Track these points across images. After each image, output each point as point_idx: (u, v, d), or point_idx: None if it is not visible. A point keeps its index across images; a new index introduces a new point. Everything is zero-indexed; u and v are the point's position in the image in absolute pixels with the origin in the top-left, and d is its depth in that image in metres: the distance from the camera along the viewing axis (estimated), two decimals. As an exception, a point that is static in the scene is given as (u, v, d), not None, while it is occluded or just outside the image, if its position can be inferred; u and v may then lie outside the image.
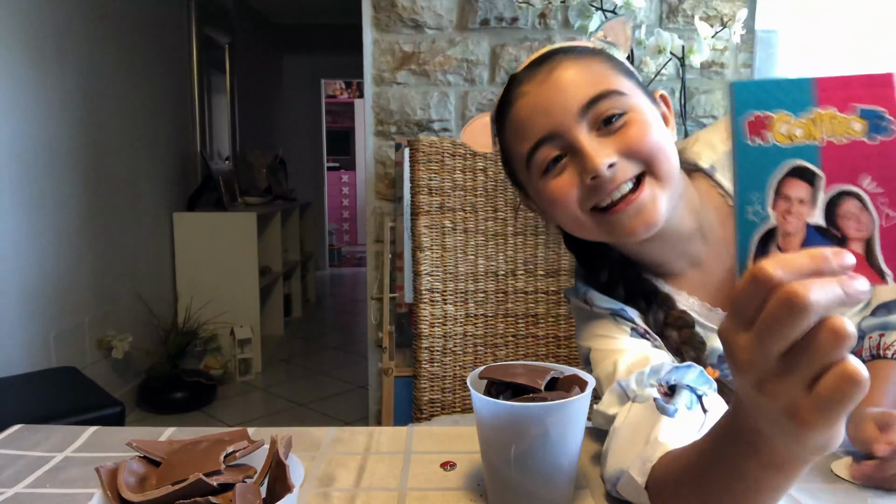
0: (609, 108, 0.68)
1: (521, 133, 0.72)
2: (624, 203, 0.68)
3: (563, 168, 0.70)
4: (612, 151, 0.67)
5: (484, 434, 0.61)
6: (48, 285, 2.45)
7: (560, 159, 0.70)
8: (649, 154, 0.68)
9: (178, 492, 0.45)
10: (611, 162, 0.67)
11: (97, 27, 2.77)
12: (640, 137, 0.68)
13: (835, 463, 0.71)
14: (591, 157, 0.67)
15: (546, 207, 0.74)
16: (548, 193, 0.71)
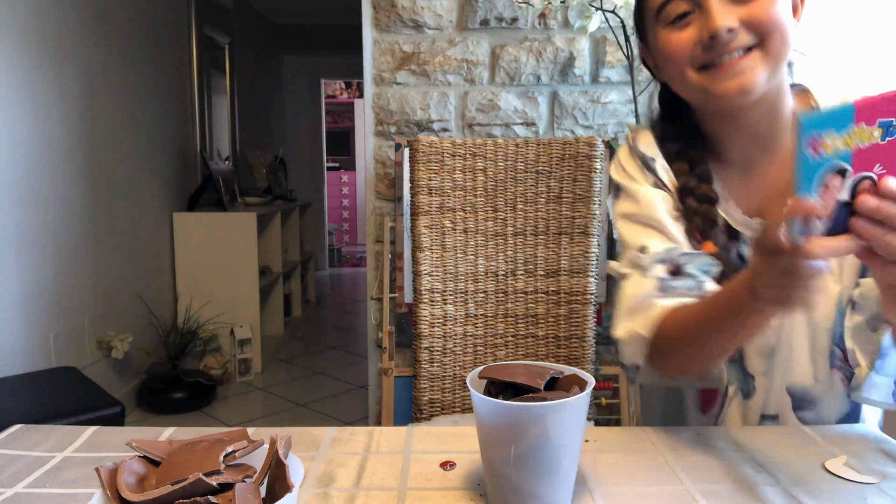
0: None
1: None
2: (729, 64, 0.73)
3: (689, 23, 0.75)
4: (736, 18, 0.72)
5: (484, 434, 0.61)
6: (48, 285, 2.45)
7: (687, 15, 0.75)
8: (767, 29, 0.72)
9: (178, 491, 0.45)
10: (731, 26, 0.72)
11: (97, 28, 2.78)
12: (765, 11, 0.72)
13: (829, 462, 0.71)
14: (714, 17, 0.72)
15: (661, 59, 0.80)
16: (667, 43, 0.77)
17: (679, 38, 0.76)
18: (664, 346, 0.78)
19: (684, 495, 0.64)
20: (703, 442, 0.77)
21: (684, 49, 0.75)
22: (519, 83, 2.12)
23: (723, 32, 0.72)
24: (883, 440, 0.78)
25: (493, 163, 1.33)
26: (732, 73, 0.73)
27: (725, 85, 0.74)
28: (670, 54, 0.77)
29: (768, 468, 0.70)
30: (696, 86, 0.76)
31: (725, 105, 0.77)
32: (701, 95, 0.77)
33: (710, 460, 0.72)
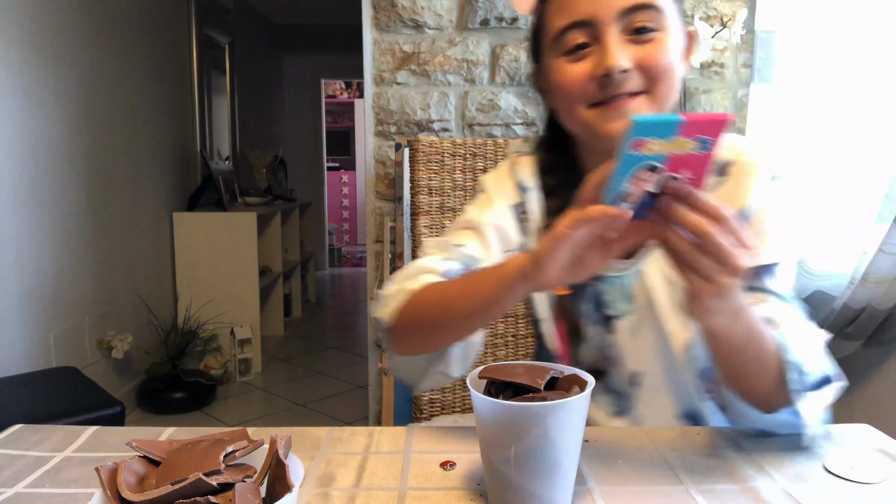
0: (646, 20, 0.74)
1: (563, 9, 0.76)
2: (617, 104, 0.74)
3: (585, 56, 0.76)
4: (631, 59, 0.73)
5: (484, 434, 0.61)
6: (48, 285, 2.45)
7: (585, 47, 0.75)
8: (658, 75, 0.74)
9: (178, 491, 0.45)
10: (626, 67, 0.73)
11: (97, 27, 2.78)
12: (658, 57, 0.74)
13: (830, 461, 0.71)
14: (611, 54, 0.73)
15: (552, 86, 0.80)
16: (561, 74, 0.77)
17: (573, 71, 0.76)
18: (416, 314, 0.78)
19: (684, 495, 0.64)
20: (703, 441, 0.77)
21: (577, 83, 0.75)
22: (519, 83, 2.12)
23: (616, 70, 0.72)
24: (883, 440, 0.78)
25: (493, 163, 1.33)
26: (620, 113, 0.74)
27: (611, 126, 0.74)
28: (563, 86, 0.77)
29: (768, 468, 0.70)
30: (583, 122, 0.77)
31: (608, 146, 0.75)
32: (586, 132, 0.78)
33: (710, 460, 0.72)
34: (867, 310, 1.63)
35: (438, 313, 0.75)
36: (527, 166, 0.90)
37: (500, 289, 0.68)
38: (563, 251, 0.60)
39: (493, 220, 0.86)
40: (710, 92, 2.04)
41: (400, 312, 0.79)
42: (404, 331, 0.80)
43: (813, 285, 1.81)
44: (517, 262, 0.66)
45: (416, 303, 0.78)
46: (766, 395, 0.69)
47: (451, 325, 0.75)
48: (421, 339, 0.79)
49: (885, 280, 1.58)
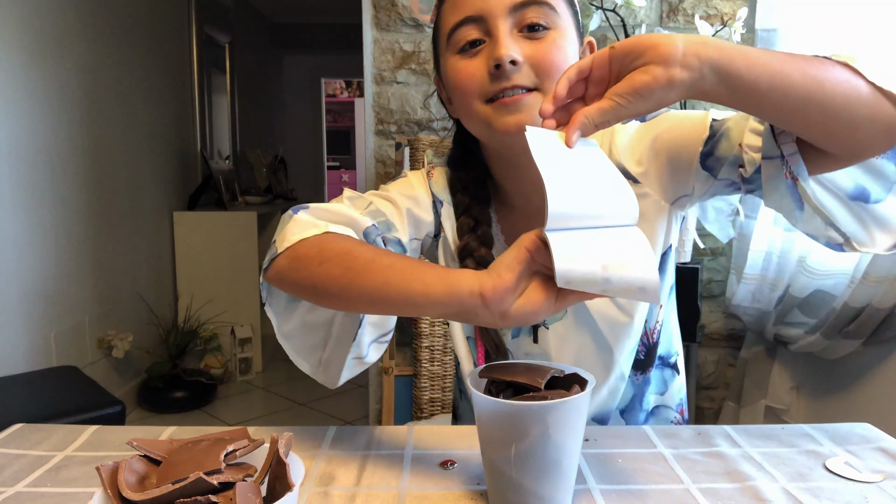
0: (538, 17, 0.74)
1: (456, 6, 0.77)
2: (512, 99, 0.73)
3: (478, 53, 0.76)
4: (521, 54, 0.73)
5: (484, 433, 0.61)
6: (48, 285, 2.45)
7: (478, 44, 0.75)
8: (549, 72, 0.73)
9: (179, 490, 0.45)
10: (516, 58, 0.72)
11: (97, 27, 2.77)
12: (549, 54, 0.74)
13: (830, 461, 0.71)
14: (501, 45, 0.72)
15: (450, 87, 0.80)
16: (456, 71, 0.77)
17: (468, 67, 0.76)
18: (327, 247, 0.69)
19: (684, 494, 0.64)
20: (704, 441, 0.77)
21: (472, 78, 0.75)
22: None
23: (507, 61, 0.72)
24: (883, 439, 0.78)
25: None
26: (514, 108, 0.73)
27: (506, 120, 0.73)
28: (458, 83, 0.77)
29: (768, 467, 0.70)
30: (481, 118, 0.76)
31: (507, 142, 0.76)
32: (485, 130, 0.77)
33: (710, 459, 0.72)
34: (867, 309, 1.63)
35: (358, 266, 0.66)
36: (441, 180, 0.89)
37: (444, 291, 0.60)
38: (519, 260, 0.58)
39: (411, 206, 0.85)
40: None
41: (305, 242, 0.70)
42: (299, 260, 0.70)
43: (813, 284, 1.81)
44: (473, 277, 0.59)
45: (334, 242, 0.70)
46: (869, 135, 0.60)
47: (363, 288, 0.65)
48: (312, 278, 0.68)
49: (886, 279, 1.58)
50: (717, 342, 2.19)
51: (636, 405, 0.88)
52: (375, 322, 0.74)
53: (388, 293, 0.63)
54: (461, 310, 0.59)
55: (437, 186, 0.88)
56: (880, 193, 0.65)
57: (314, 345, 0.76)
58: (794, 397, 1.97)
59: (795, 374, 1.96)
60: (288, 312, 0.76)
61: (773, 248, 1.84)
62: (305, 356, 0.77)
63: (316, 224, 0.73)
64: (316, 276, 0.68)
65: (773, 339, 1.92)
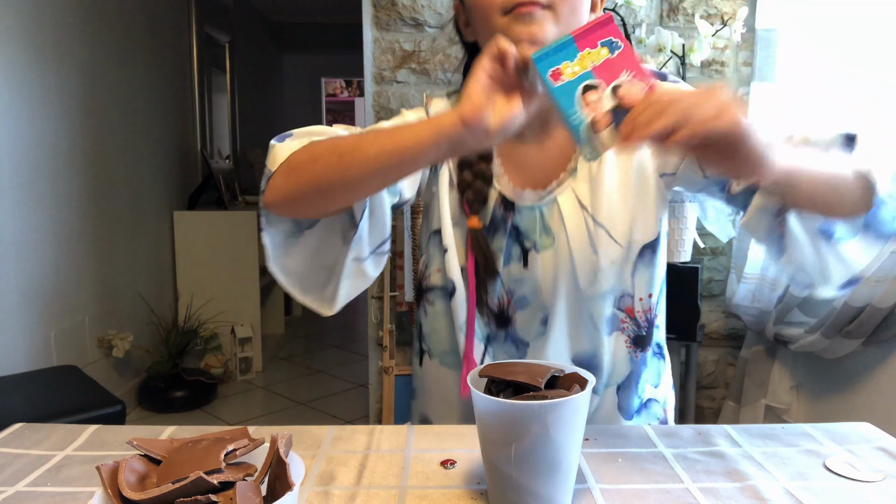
0: None
1: None
2: (527, 10, 0.76)
3: None
4: None
5: (484, 432, 0.61)
6: (49, 284, 2.45)
7: None
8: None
9: (179, 490, 0.45)
10: None
11: (97, 27, 2.77)
12: None
13: (830, 460, 0.71)
14: None
15: (471, 4, 0.82)
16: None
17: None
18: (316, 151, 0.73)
19: (684, 493, 0.64)
20: (704, 440, 0.77)
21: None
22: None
23: None
24: (883, 438, 0.78)
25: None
26: (529, 19, 0.76)
27: (520, 30, 0.76)
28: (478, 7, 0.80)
29: (768, 466, 0.70)
30: (498, 30, 0.78)
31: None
32: None
33: (710, 458, 0.72)
34: (867, 308, 1.63)
35: (350, 149, 0.70)
36: (439, 104, 0.92)
37: (430, 133, 0.65)
38: (482, 82, 0.63)
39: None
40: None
41: (294, 154, 0.74)
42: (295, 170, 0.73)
43: (813, 284, 1.81)
44: (450, 113, 0.65)
45: (321, 145, 0.73)
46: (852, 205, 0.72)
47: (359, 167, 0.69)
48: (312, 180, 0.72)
49: (886, 279, 1.58)
50: (717, 342, 2.19)
51: (632, 385, 0.89)
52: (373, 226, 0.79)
53: (385, 158, 0.68)
54: (450, 142, 0.65)
55: (436, 110, 0.91)
56: (845, 234, 0.75)
57: (316, 282, 0.81)
58: (794, 397, 1.97)
59: (795, 374, 1.96)
60: (288, 246, 0.79)
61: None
62: (306, 291, 0.82)
63: (302, 141, 0.76)
64: (314, 174, 0.72)
65: (773, 338, 1.92)
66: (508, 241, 0.86)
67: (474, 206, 0.85)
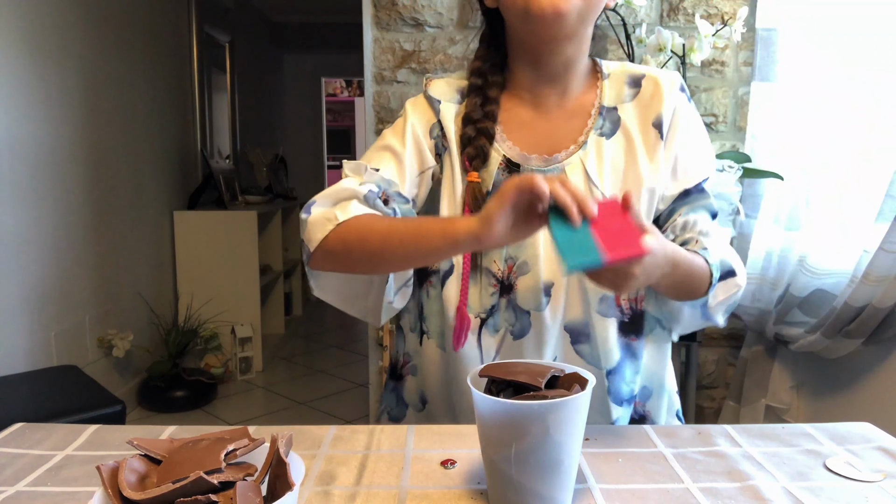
0: None
1: None
2: None
3: None
4: None
5: (484, 432, 0.61)
6: (49, 284, 2.45)
7: None
8: None
9: (179, 490, 0.45)
10: None
11: (97, 27, 2.77)
12: None
13: (830, 460, 0.71)
14: None
15: None
16: None
17: None
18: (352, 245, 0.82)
19: (684, 493, 0.64)
20: (704, 440, 0.77)
21: None
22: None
23: None
24: (883, 438, 0.78)
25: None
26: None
27: (544, 3, 0.78)
28: None
29: (769, 466, 0.70)
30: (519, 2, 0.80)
31: (540, 27, 0.82)
32: (520, 12, 0.81)
33: (710, 458, 0.72)
34: (868, 308, 1.63)
35: (377, 250, 0.80)
36: (438, 85, 0.94)
37: (448, 245, 0.74)
38: (510, 213, 0.67)
39: (410, 141, 0.91)
40: (710, 90, 2.03)
41: (328, 240, 0.82)
42: (332, 256, 0.83)
43: (814, 284, 1.81)
44: (467, 224, 0.71)
45: (351, 233, 0.81)
46: (695, 294, 0.83)
47: (388, 263, 0.82)
48: (349, 266, 0.85)
49: (886, 278, 1.58)
50: (718, 341, 2.19)
51: (623, 372, 0.89)
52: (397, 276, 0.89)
53: (409, 262, 0.83)
54: (466, 249, 0.75)
55: (435, 90, 0.94)
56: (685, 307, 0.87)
57: (356, 294, 0.90)
58: (794, 396, 1.97)
59: (796, 374, 1.96)
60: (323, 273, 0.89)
61: (774, 248, 1.84)
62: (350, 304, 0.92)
63: (328, 217, 0.82)
64: (350, 263, 0.84)
65: (773, 338, 1.92)
66: None
67: (475, 163, 0.87)
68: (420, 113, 0.93)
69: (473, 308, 0.88)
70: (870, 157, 1.74)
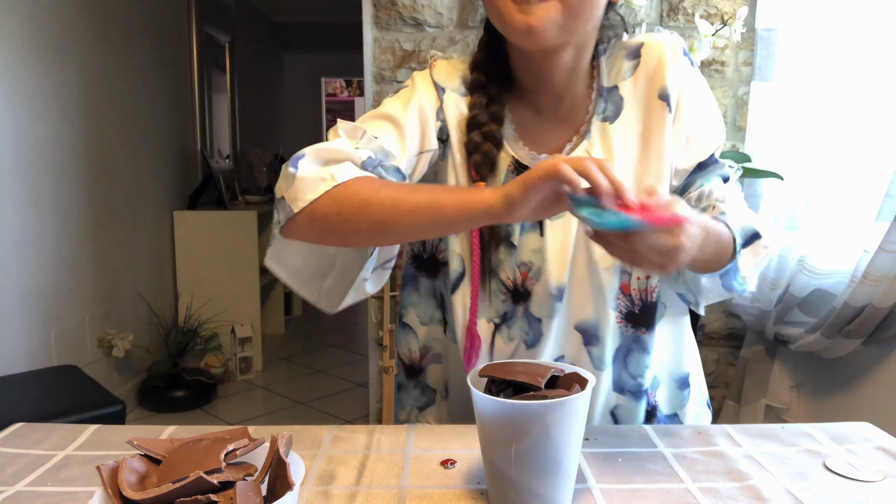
0: None
1: None
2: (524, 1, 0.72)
3: None
4: None
5: (484, 432, 0.61)
6: (49, 284, 2.45)
7: None
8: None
9: (179, 490, 0.45)
10: None
11: (97, 27, 2.77)
12: None
13: (830, 460, 0.71)
14: None
15: None
16: None
17: None
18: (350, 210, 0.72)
19: (684, 493, 0.64)
20: (704, 440, 0.77)
21: None
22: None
23: None
24: (883, 438, 0.78)
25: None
26: (527, 8, 0.72)
27: (517, 18, 0.72)
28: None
29: (769, 466, 0.70)
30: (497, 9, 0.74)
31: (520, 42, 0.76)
32: (498, 22, 0.76)
33: (710, 458, 0.72)
34: (868, 308, 1.63)
35: (383, 219, 0.71)
36: (444, 68, 0.87)
37: (464, 217, 0.68)
38: (535, 198, 0.63)
39: (416, 116, 0.83)
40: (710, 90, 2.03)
41: (319, 202, 0.72)
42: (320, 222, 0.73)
43: (813, 283, 1.81)
44: (485, 198, 0.66)
45: (349, 197, 0.72)
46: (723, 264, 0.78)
47: (393, 234, 0.74)
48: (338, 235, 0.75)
49: (886, 278, 1.58)
50: (718, 341, 2.19)
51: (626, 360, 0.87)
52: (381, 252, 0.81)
53: (417, 234, 0.76)
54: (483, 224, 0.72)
55: (440, 74, 0.86)
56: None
57: (315, 272, 0.82)
58: (794, 396, 1.97)
59: (796, 374, 1.96)
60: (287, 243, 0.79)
61: (774, 248, 1.84)
62: (304, 283, 0.83)
63: (322, 176, 0.73)
64: (341, 230, 0.73)
65: (773, 338, 1.92)
66: None
67: (482, 171, 0.82)
68: (428, 90, 0.85)
69: (485, 313, 0.85)
70: (870, 157, 1.75)
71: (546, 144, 0.85)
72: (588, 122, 0.83)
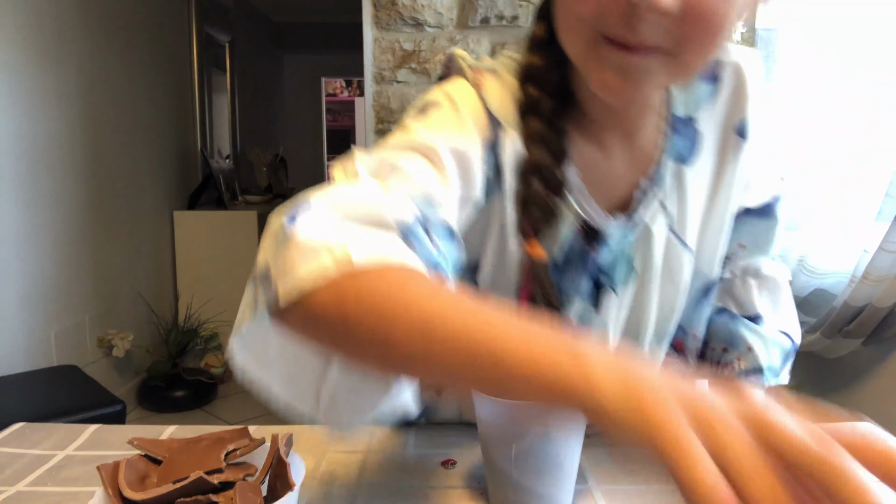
0: None
1: None
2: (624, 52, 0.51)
3: None
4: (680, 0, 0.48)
5: (485, 432, 0.61)
6: (49, 284, 2.45)
7: None
8: (702, 30, 0.50)
9: (179, 490, 0.45)
10: (668, 8, 0.47)
11: (97, 26, 2.77)
12: (713, 6, 0.49)
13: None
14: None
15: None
16: None
17: None
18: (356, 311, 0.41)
19: (685, 493, 0.64)
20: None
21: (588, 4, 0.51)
22: (519, 81, 2.11)
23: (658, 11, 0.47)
24: (883, 438, 0.77)
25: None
26: (620, 67, 0.52)
27: (604, 76, 0.53)
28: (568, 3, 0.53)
29: (769, 466, 0.70)
30: (577, 53, 0.55)
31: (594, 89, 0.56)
32: (579, 57, 0.56)
33: (710, 458, 0.72)
34: (867, 308, 1.63)
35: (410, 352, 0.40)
36: (495, 92, 0.62)
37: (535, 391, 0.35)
38: None
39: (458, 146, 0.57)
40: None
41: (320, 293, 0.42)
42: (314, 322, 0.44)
43: (813, 283, 1.81)
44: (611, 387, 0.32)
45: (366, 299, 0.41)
46: None
47: (416, 369, 0.42)
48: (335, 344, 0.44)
49: (886, 278, 1.58)
50: (718, 341, 2.19)
51: None
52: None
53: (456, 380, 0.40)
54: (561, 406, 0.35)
55: (495, 101, 0.61)
56: None
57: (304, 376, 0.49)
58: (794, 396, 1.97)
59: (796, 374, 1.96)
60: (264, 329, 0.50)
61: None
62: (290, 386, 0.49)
63: (329, 247, 0.43)
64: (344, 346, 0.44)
65: (773, 338, 1.92)
66: (584, 277, 0.66)
67: (539, 227, 0.61)
68: (477, 119, 0.60)
69: None
70: (870, 157, 1.74)
71: (610, 192, 0.65)
72: (659, 163, 0.65)
